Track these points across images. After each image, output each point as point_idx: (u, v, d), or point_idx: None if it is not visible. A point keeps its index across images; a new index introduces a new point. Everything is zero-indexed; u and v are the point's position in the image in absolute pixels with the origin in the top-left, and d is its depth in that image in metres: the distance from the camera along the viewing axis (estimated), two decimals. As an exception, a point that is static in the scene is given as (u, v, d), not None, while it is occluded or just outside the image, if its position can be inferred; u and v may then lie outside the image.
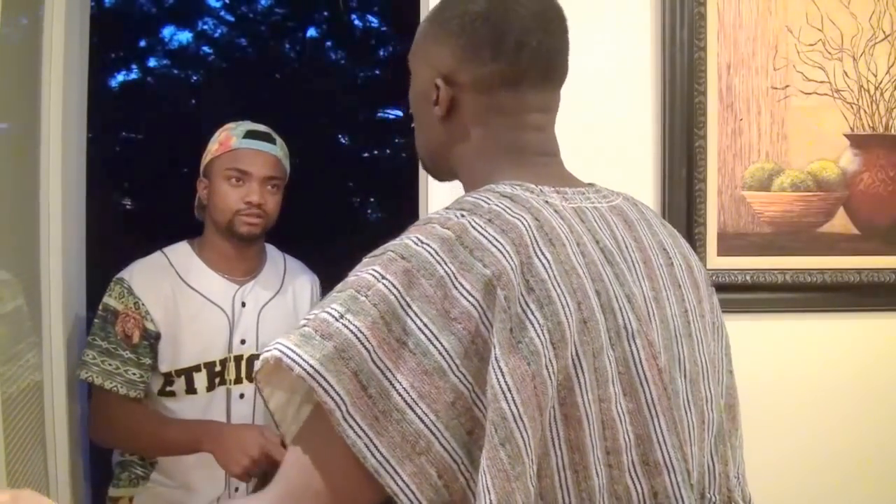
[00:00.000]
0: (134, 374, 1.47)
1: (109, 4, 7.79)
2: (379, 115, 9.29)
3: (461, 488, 0.62)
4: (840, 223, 1.56)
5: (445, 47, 0.79)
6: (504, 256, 0.64)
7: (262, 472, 1.36)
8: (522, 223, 0.67)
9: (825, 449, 1.57)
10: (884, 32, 1.56)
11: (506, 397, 0.60)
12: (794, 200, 1.55)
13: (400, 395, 0.61)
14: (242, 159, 1.52)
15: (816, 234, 1.56)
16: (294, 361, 0.60)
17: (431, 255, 0.64)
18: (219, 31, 8.89)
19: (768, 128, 1.54)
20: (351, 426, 0.60)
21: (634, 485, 0.68)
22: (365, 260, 0.68)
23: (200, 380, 1.51)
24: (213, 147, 1.57)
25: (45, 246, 1.55)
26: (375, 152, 9.50)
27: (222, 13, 8.92)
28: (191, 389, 1.51)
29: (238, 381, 1.54)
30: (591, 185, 0.82)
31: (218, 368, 1.52)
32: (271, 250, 1.69)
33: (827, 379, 1.57)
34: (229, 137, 1.55)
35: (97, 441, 1.53)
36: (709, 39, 1.51)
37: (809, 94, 1.54)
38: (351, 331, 0.61)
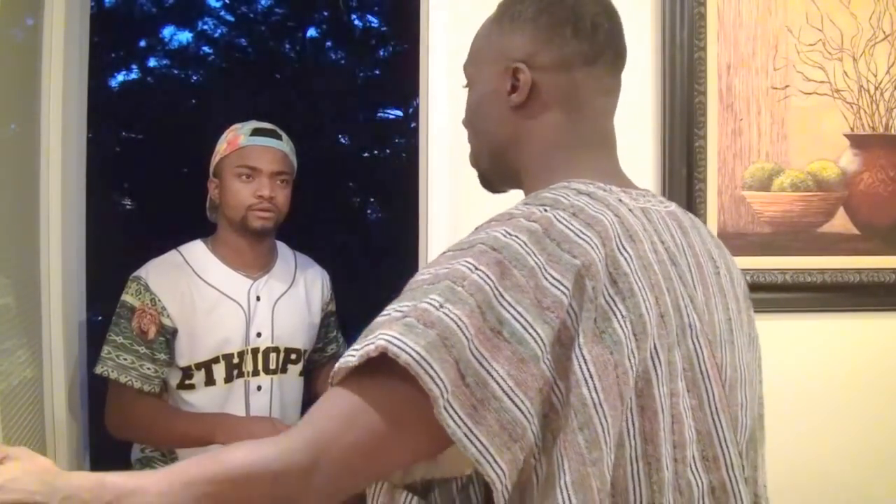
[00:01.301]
0: (149, 368, 1.50)
1: (109, 4, 7.79)
2: (379, 115, 9.28)
3: (529, 469, 0.64)
4: (840, 223, 1.56)
5: (520, 35, 0.80)
6: (592, 248, 0.66)
7: None
8: (606, 218, 0.69)
9: (825, 448, 1.57)
10: (884, 32, 1.56)
11: (587, 384, 0.63)
12: (794, 200, 1.55)
13: (497, 383, 0.61)
14: (251, 156, 1.56)
15: (816, 234, 1.56)
16: (400, 349, 0.60)
17: (521, 246, 0.65)
18: (219, 31, 8.88)
19: (768, 128, 1.54)
20: (451, 415, 0.60)
21: (695, 479, 0.70)
22: (448, 253, 0.68)
23: (219, 371, 1.54)
24: (222, 147, 1.60)
25: (45, 246, 1.56)
26: (375, 152, 9.50)
27: (222, 13, 8.91)
28: (210, 381, 1.54)
29: (255, 373, 1.57)
30: (646, 190, 0.84)
31: (236, 361, 1.55)
32: (282, 247, 1.73)
33: (827, 379, 1.57)
34: (237, 136, 1.58)
35: (113, 433, 1.55)
36: (709, 39, 1.51)
37: (809, 94, 1.54)
38: (452, 319, 0.61)
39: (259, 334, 1.58)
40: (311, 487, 0.63)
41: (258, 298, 1.59)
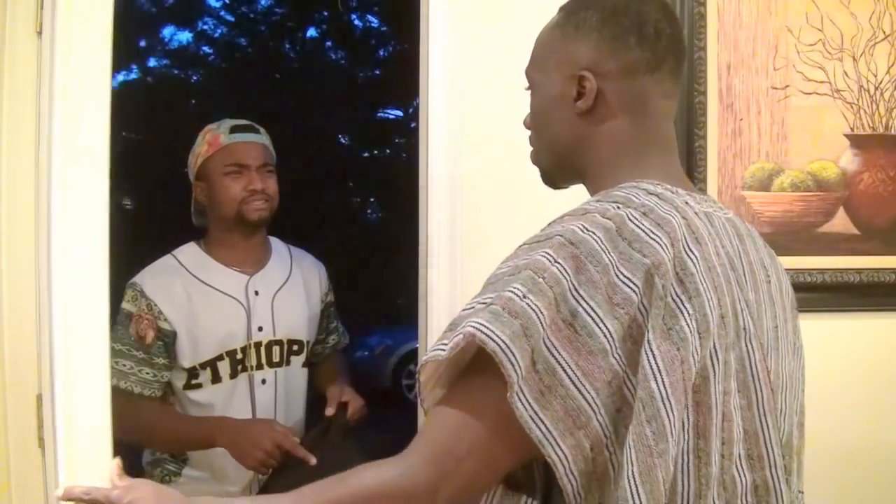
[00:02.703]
0: (147, 373, 1.52)
1: (109, 4, 7.77)
2: (379, 115, 9.29)
3: (605, 461, 0.67)
4: (840, 223, 1.56)
5: (585, 42, 0.82)
6: (662, 248, 0.69)
7: (278, 464, 1.40)
8: (674, 219, 0.72)
9: (825, 449, 1.57)
10: (884, 32, 1.56)
11: (655, 378, 0.65)
12: (794, 200, 1.55)
13: (565, 371, 0.65)
14: (237, 153, 1.57)
15: (816, 234, 1.55)
16: (488, 336, 0.64)
17: (597, 242, 0.68)
18: (219, 31, 8.89)
19: (768, 128, 1.54)
20: (520, 398, 0.64)
21: (739, 476, 0.72)
22: (525, 246, 0.72)
23: (224, 368, 1.55)
24: (202, 149, 1.60)
25: (44, 248, 1.55)
26: (375, 152, 9.51)
27: (222, 13, 8.92)
28: (216, 379, 1.55)
29: (259, 367, 1.58)
30: (708, 195, 0.86)
31: (239, 356, 1.56)
32: (275, 242, 1.74)
33: (827, 379, 1.57)
34: (216, 137, 1.59)
35: (120, 438, 1.57)
36: (709, 39, 1.51)
37: (809, 94, 1.54)
38: (533, 310, 0.65)
39: (260, 328, 1.59)
40: (439, 501, 0.67)
41: (256, 293, 1.60)
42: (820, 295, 1.55)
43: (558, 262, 0.67)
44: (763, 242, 0.88)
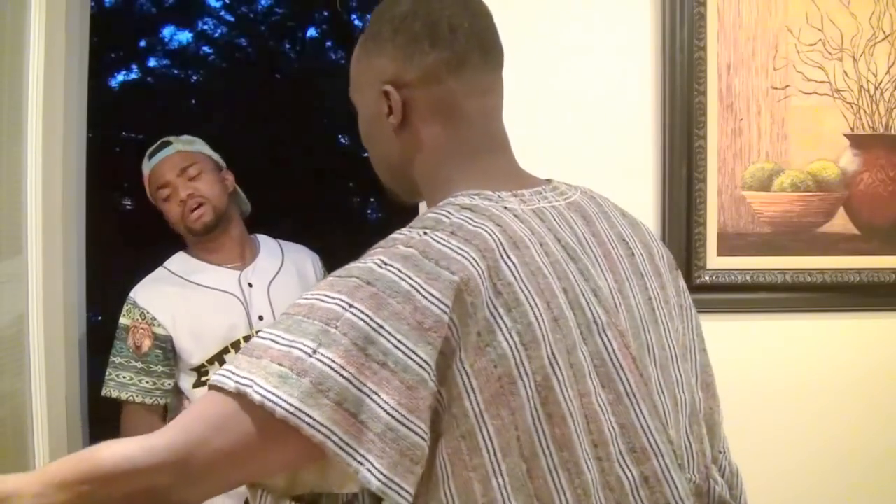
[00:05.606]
0: (147, 382, 1.56)
1: (109, 4, 7.79)
2: (379, 115, 9.26)
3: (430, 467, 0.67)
4: (840, 223, 1.56)
5: (383, 56, 0.79)
6: (470, 263, 0.67)
7: None
8: (486, 231, 0.70)
9: (825, 449, 1.57)
10: (884, 32, 1.56)
11: (469, 396, 0.65)
12: (794, 200, 1.55)
13: (390, 414, 0.63)
14: (156, 177, 1.65)
15: (816, 234, 1.55)
16: (276, 405, 0.62)
17: (395, 273, 0.66)
18: (219, 31, 8.88)
19: (768, 128, 1.54)
20: (350, 454, 0.62)
21: (625, 473, 0.70)
22: (330, 279, 0.69)
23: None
24: (145, 185, 1.69)
25: (45, 249, 1.55)
26: (375, 152, 9.48)
27: (222, 13, 8.91)
28: None
29: None
30: (548, 181, 0.83)
31: (244, 345, 1.57)
32: (264, 239, 1.78)
33: (827, 379, 1.57)
34: (143, 168, 1.68)
35: None
36: (709, 39, 1.51)
37: (809, 94, 1.54)
38: (325, 364, 0.63)
39: (261, 317, 1.62)
40: (179, 484, 0.64)
41: (250, 285, 1.64)
42: (820, 295, 1.55)
43: (353, 307, 0.65)
44: (621, 214, 0.85)
